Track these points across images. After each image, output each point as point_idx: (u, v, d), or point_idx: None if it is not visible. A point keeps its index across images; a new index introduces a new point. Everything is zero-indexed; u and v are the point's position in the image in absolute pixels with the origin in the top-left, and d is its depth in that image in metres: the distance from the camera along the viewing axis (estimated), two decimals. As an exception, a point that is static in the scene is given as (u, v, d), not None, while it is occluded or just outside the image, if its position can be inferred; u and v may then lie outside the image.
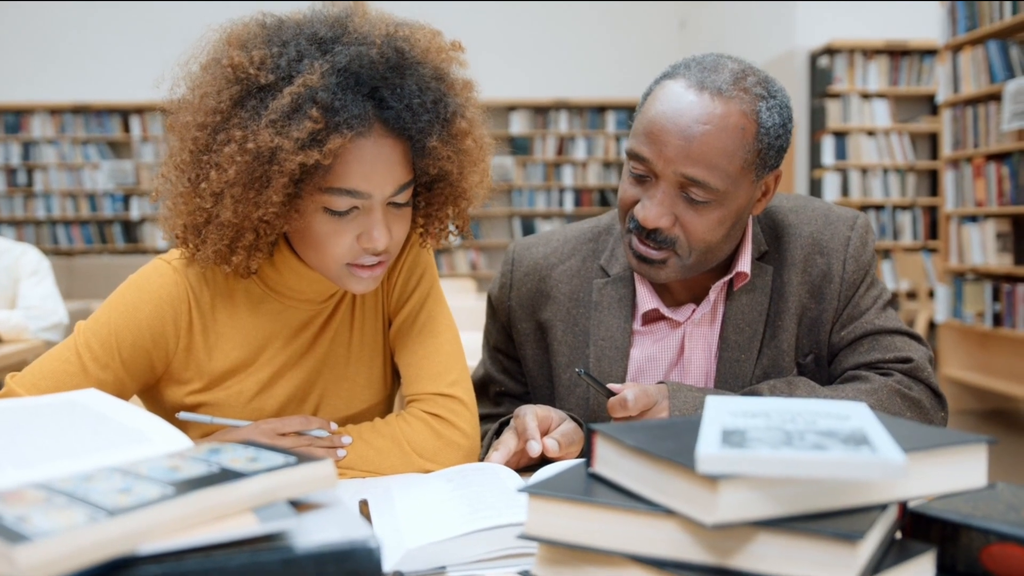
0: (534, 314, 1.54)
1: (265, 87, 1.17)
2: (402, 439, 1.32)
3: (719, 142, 1.29)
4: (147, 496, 0.64)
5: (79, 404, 0.91)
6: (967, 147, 5.60)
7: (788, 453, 0.67)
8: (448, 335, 1.42)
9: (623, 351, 1.46)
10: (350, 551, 0.65)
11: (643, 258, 1.37)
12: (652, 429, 0.84)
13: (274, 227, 1.22)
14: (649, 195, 1.34)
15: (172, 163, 1.25)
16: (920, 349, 1.43)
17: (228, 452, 0.75)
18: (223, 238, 1.22)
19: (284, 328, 1.37)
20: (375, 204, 1.22)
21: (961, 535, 0.79)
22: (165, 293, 1.30)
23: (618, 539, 0.74)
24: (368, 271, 1.27)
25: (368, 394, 1.44)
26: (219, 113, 1.18)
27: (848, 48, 7.64)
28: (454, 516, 0.99)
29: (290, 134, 1.13)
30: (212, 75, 1.20)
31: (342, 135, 1.15)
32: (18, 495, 0.65)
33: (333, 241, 1.23)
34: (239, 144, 1.15)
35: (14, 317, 3.29)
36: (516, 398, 1.58)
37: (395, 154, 1.22)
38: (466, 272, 9.70)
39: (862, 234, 1.47)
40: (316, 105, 1.14)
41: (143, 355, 1.30)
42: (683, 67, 1.36)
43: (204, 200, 1.20)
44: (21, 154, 9.29)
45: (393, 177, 1.22)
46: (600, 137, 9.84)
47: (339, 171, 1.18)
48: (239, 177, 1.16)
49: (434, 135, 1.22)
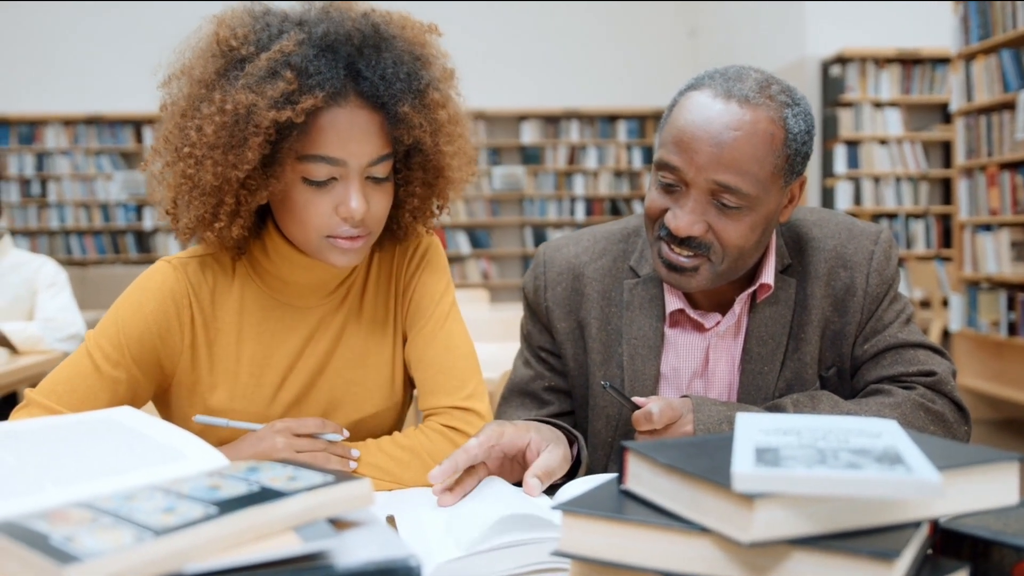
0: (572, 312, 1.54)
1: (246, 58, 1.23)
2: (422, 451, 1.34)
3: (750, 148, 1.30)
4: (191, 516, 0.65)
5: (115, 421, 0.92)
6: (981, 156, 5.58)
7: (823, 472, 0.68)
8: (464, 349, 1.45)
9: (656, 350, 1.47)
10: (391, 570, 0.66)
11: (673, 266, 1.37)
12: (684, 447, 0.84)
13: (254, 194, 1.26)
14: (680, 204, 1.35)
15: (161, 136, 1.31)
16: (943, 363, 1.43)
17: (267, 471, 0.76)
18: (206, 204, 1.27)
19: (286, 329, 1.40)
20: (351, 173, 1.26)
21: (993, 552, 0.79)
22: (167, 288, 1.35)
23: (652, 556, 0.74)
24: (348, 242, 1.30)
25: (378, 398, 1.45)
26: (204, 84, 1.25)
27: (860, 56, 7.62)
28: (483, 530, 0.99)
29: (265, 93, 1.19)
30: (200, 53, 1.28)
31: (314, 95, 1.19)
32: (63, 515, 0.66)
33: (312, 211, 1.27)
34: (218, 107, 1.21)
35: (31, 328, 3.31)
36: (566, 393, 1.58)
37: (371, 125, 1.26)
38: (478, 282, 9.71)
39: (886, 248, 1.48)
40: (290, 68, 1.20)
41: (151, 350, 1.34)
42: (707, 78, 1.37)
43: (187, 164, 1.25)
44: (35, 165, 9.34)
45: (369, 146, 1.26)
46: (611, 146, 9.84)
47: (315, 138, 1.23)
48: (218, 138, 1.22)
49: (406, 102, 1.26)
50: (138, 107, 8.99)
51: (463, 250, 9.81)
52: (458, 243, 9.81)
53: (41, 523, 0.65)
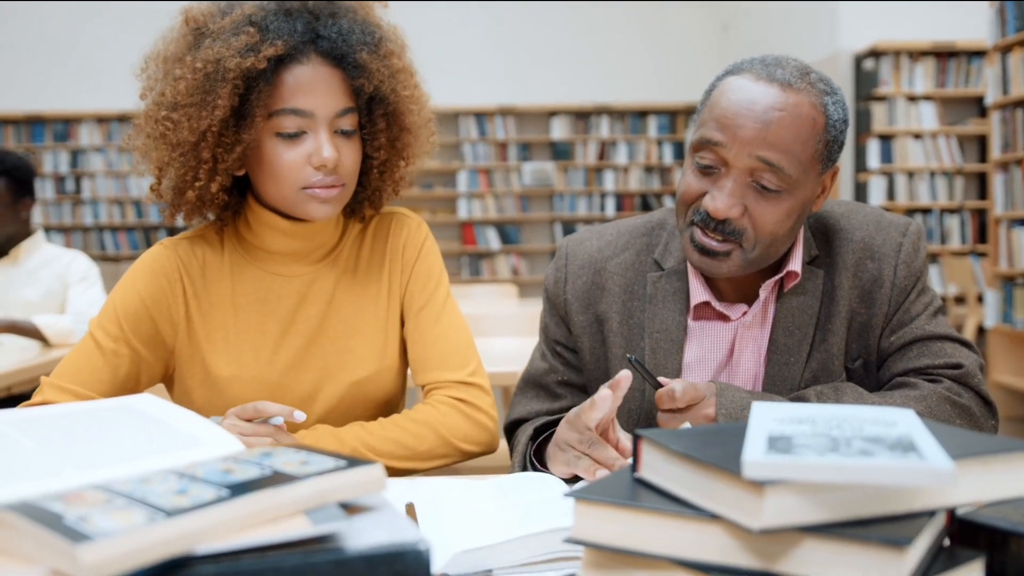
0: (590, 307, 1.54)
1: (213, 29, 1.35)
2: (437, 424, 1.42)
3: (794, 128, 1.30)
4: (203, 498, 0.65)
5: (134, 409, 0.94)
6: (1017, 150, 5.50)
7: (834, 459, 0.67)
8: (465, 331, 1.54)
9: (678, 344, 1.46)
10: (400, 553, 0.66)
11: (706, 250, 1.37)
12: (698, 435, 0.84)
13: (230, 151, 1.35)
14: (718, 186, 1.34)
15: (142, 115, 1.41)
16: (970, 356, 1.41)
17: (280, 456, 0.77)
18: (186, 164, 1.37)
19: (276, 298, 1.48)
20: (320, 124, 1.36)
21: (1010, 543, 0.78)
22: (158, 265, 1.45)
23: (664, 544, 0.74)
24: (325, 191, 1.38)
25: (371, 363, 1.50)
26: (177, 59, 1.36)
27: (894, 50, 7.54)
28: (501, 520, 1.00)
29: (231, 45, 1.31)
30: (171, 38, 1.40)
31: (275, 45, 1.31)
32: (79, 496, 0.67)
33: (287, 164, 1.36)
34: (189, 67, 1.33)
35: (63, 321, 3.36)
36: (579, 388, 1.58)
37: (333, 80, 1.37)
38: (507, 277, 9.72)
39: (914, 240, 1.46)
40: (251, 24, 1.33)
41: (148, 322, 1.43)
42: (746, 64, 1.37)
43: (165, 128, 1.35)
44: (69, 162, 9.47)
45: (334, 99, 1.37)
46: (642, 142, 9.81)
47: (282, 93, 1.34)
48: (191, 95, 1.32)
49: (364, 51, 1.38)
50: (171, 104, 9.06)
51: (493, 246, 9.82)
52: (488, 239, 9.82)
53: (57, 504, 0.66)
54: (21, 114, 9.29)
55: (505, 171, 9.88)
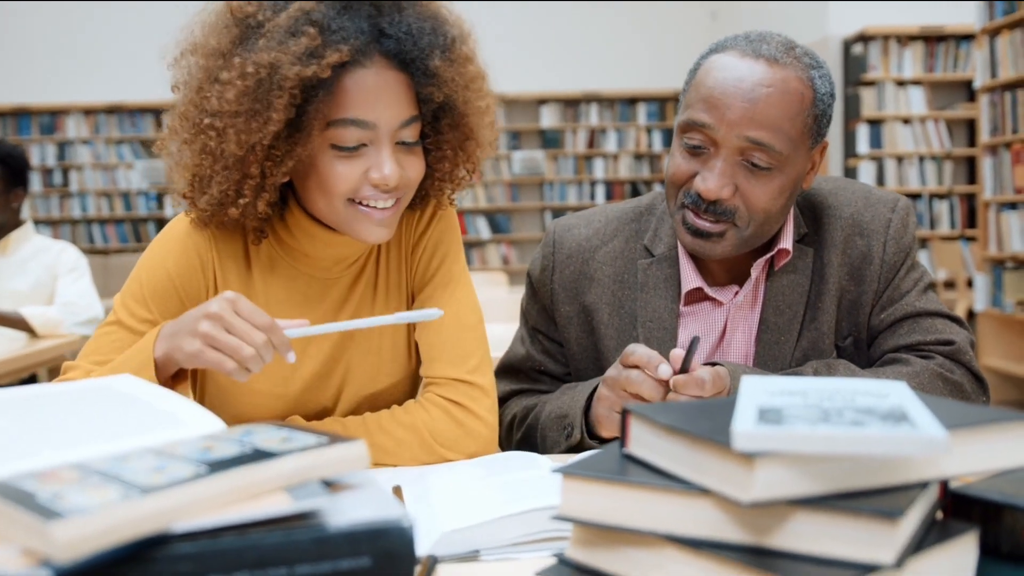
0: (578, 297, 1.51)
1: (263, 22, 1.18)
2: (422, 428, 1.31)
3: (782, 104, 1.29)
4: (181, 475, 0.64)
5: (114, 389, 0.92)
6: (1005, 133, 5.51)
7: (825, 430, 0.66)
8: (472, 319, 1.39)
9: (671, 332, 1.45)
10: (383, 530, 0.65)
11: (699, 232, 1.35)
12: (687, 409, 0.83)
13: (280, 165, 1.20)
14: (708, 167, 1.32)
15: (177, 115, 1.26)
16: (961, 332, 1.41)
17: (261, 433, 0.75)
18: (229, 179, 1.21)
19: (308, 301, 1.36)
20: (382, 136, 1.21)
21: (1004, 515, 0.77)
22: (191, 241, 1.32)
23: (653, 519, 0.73)
24: (379, 213, 1.25)
25: (393, 368, 1.42)
26: (220, 55, 1.20)
27: (882, 35, 7.53)
28: (489, 500, 0.99)
29: (288, 50, 1.14)
30: (212, 27, 1.23)
31: (339, 50, 1.15)
32: (53, 474, 0.66)
33: (340, 178, 1.21)
34: (239, 71, 1.16)
35: (50, 312, 3.34)
36: (556, 378, 1.56)
37: (399, 86, 1.22)
38: (498, 266, 9.70)
39: (903, 216, 1.45)
40: (312, 24, 1.15)
41: (175, 300, 1.30)
42: (731, 41, 1.36)
43: (208, 137, 1.20)
44: (57, 154, 9.41)
45: (398, 108, 1.22)
46: (631, 129, 9.79)
47: (343, 101, 1.18)
48: (240, 104, 1.16)
49: (436, 56, 1.22)
50: (158, 96, 8.89)
51: (483, 235, 9.80)
52: (478, 228, 9.80)
53: (30, 482, 0.64)
54: (7, 106, 9.22)
55: (494, 160, 9.86)
